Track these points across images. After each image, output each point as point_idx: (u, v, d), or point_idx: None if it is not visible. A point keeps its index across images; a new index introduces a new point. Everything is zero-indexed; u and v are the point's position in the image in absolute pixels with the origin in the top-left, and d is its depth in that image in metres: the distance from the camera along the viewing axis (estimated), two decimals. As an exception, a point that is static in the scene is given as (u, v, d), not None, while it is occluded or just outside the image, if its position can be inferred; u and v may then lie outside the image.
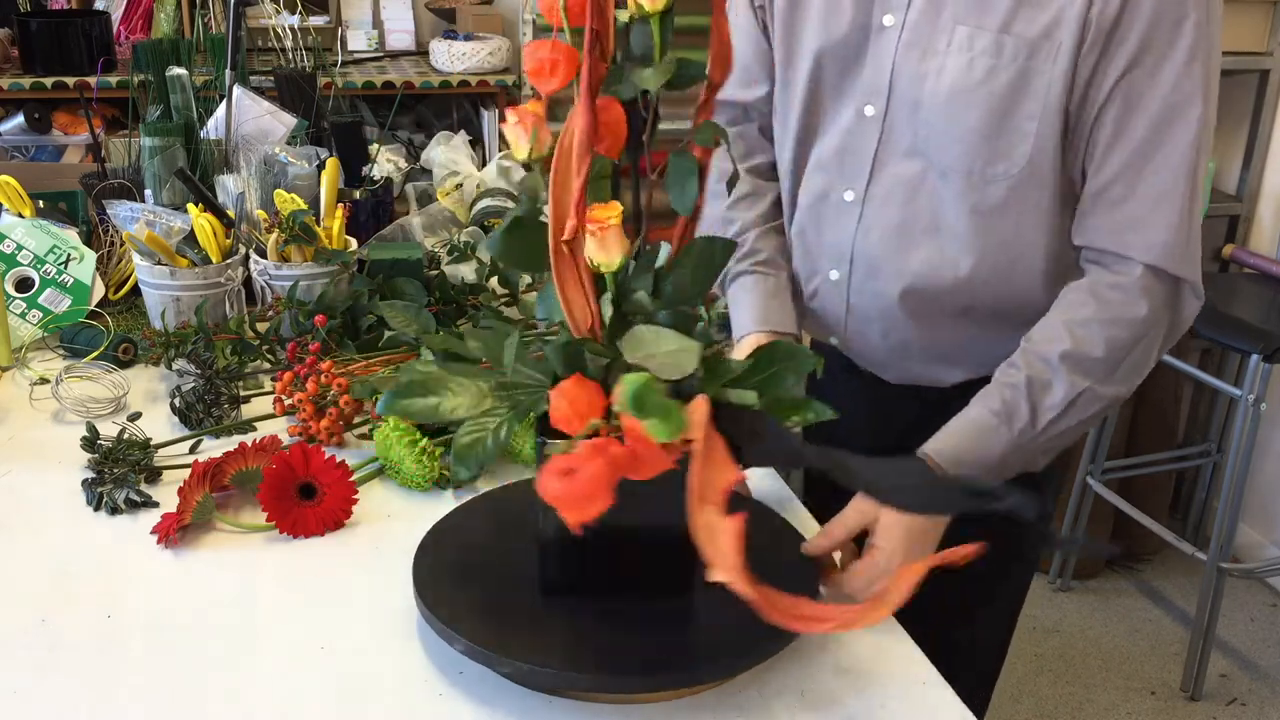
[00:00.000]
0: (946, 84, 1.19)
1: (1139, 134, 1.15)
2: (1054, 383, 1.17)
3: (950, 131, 1.21)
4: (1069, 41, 1.14)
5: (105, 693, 1.00)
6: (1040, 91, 1.16)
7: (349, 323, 1.59)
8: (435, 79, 3.09)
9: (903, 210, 1.27)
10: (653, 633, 1.02)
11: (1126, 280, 1.18)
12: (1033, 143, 1.18)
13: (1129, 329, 1.17)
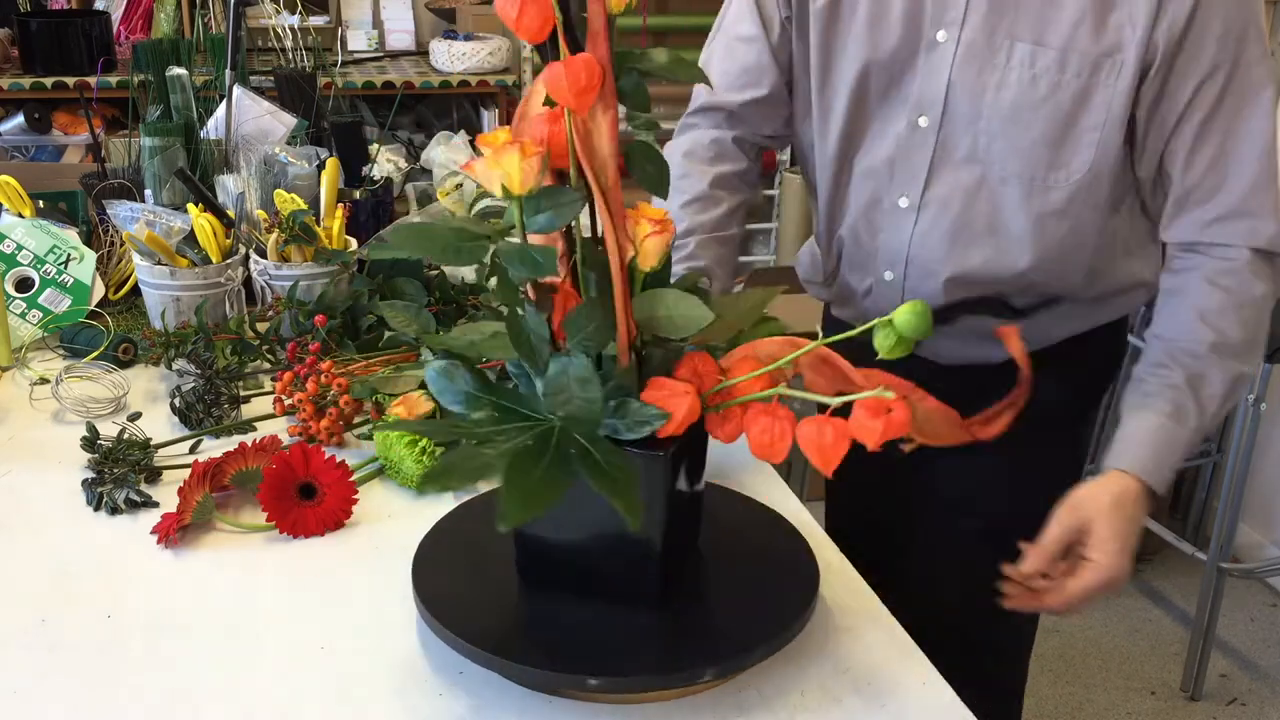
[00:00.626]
0: (1009, 99, 1.23)
1: (1220, 135, 1.21)
2: (1209, 373, 1.23)
3: (1013, 142, 1.26)
4: (1133, 59, 1.19)
5: (105, 693, 1.00)
6: (1103, 105, 1.22)
7: (349, 323, 1.59)
8: (435, 79, 3.09)
9: (961, 215, 1.31)
10: (653, 633, 1.02)
11: (1237, 264, 1.23)
12: (1095, 151, 1.25)
13: (1254, 308, 1.24)
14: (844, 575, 1.19)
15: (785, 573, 1.11)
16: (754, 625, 1.02)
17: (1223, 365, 1.23)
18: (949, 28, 1.25)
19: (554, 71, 0.88)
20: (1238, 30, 1.18)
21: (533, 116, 0.93)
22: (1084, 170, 1.25)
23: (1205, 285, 1.24)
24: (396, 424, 1.18)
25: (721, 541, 1.14)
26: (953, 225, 1.32)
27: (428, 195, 2.18)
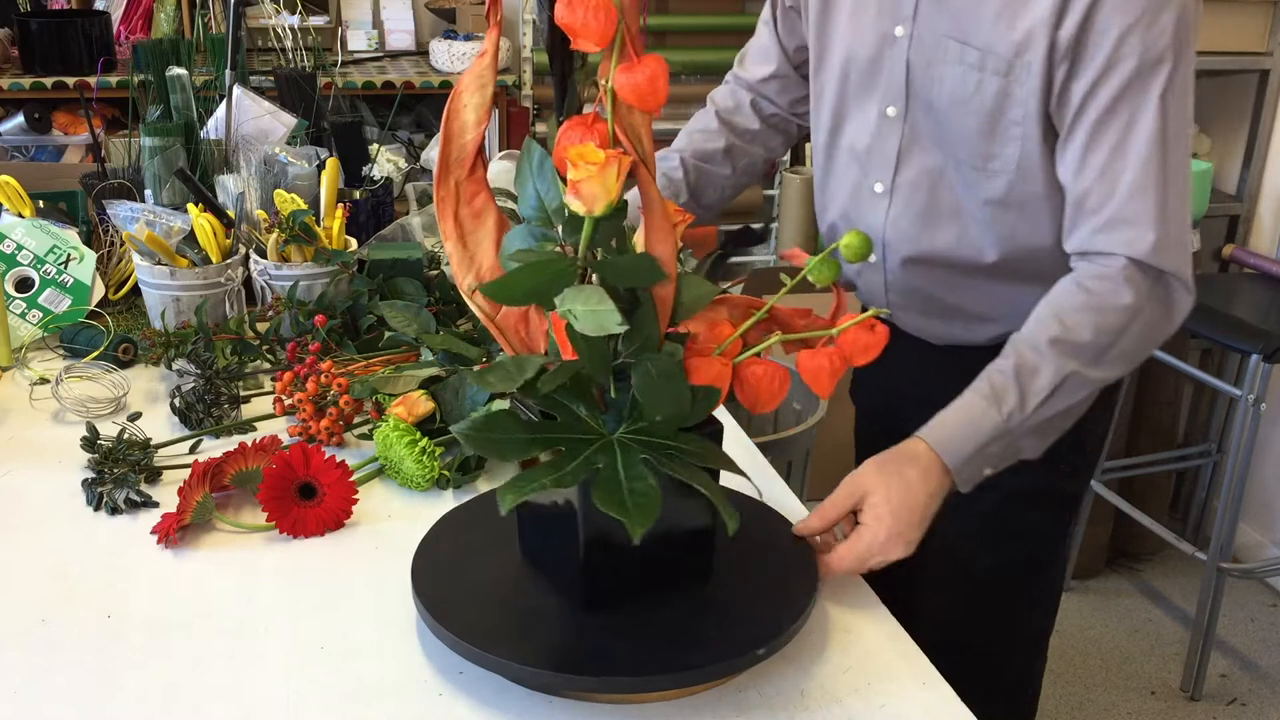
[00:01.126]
0: (946, 92, 1.29)
1: (1112, 141, 1.20)
2: (1041, 367, 1.20)
3: (956, 132, 1.30)
4: (1039, 59, 1.21)
5: (105, 693, 1.00)
6: (1021, 103, 1.24)
7: (349, 323, 1.59)
8: (435, 79, 3.09)
9: (927, 198, 1.36)
10: (652, 633, 1.02)
11: (1109, 271, 1.22)
12: (1020, 146, 1.26)
13: (1115, 315, 1.21)
14: (844, 575, 1.19)
15: (785, 573, 1.11)
16: (754, 625, 1.02)
17: (1057, 362, 1.20)
18: (904, 23, 1.31)
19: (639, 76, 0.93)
20: (1137, 35, 1.16)
21: (572, 127, 0.95)
22: (1013, 163, 1.27)
23: (1071, 285, 1.24)
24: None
25: (722, 542, 1.14)
26: (921, 209, 1.36)
27: (428, 195, 2.18)
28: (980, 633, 1.44)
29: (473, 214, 0.98)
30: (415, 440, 1.30)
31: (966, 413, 1.21)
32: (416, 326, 1.53)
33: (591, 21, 0.90)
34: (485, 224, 0.98)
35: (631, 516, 0.88)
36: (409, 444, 1.30)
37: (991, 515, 1.46)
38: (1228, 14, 2.89)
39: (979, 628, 1.41)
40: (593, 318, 0.93)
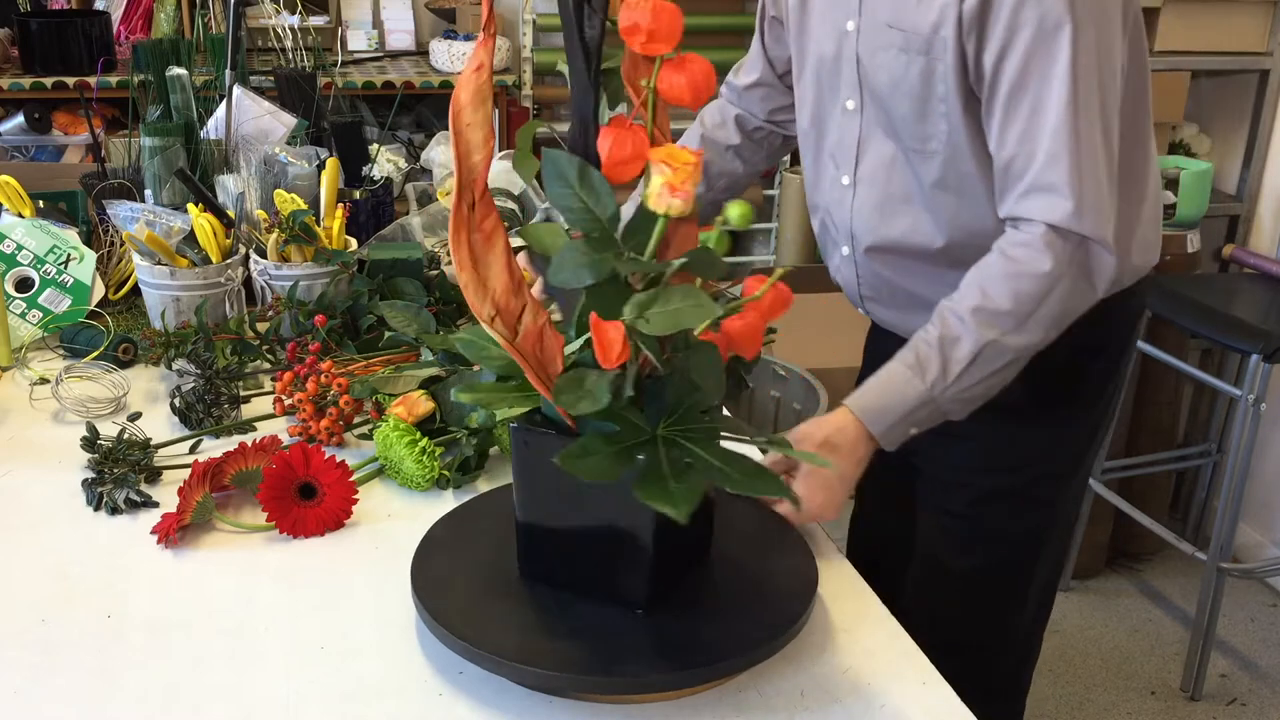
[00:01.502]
0: (885, 78, 1.32)
1: (1027, 109, 1.21)
2: (963, 336, 1.24)
3: (897, 116, 1.33)
4: (951, 35, 1.23)
5: (105, 693, 1.00)
6: (943, 78, 1.27)
7: (349, 323, 1.59)
8: (435, 79, 3.09)
9: (883, 187, 1.39)
10: (653, 633, 1.02)
11: (1030, 238, 1.23)
12: (947, 123, 1.29)
13: (1034, 282, 1.22)
14: (844, 575, 1.19)
15: (785, 573, 1.11)
16: (754, 625, 1.02)
17: (978, 332, 1.23)
18: (853, 17, 1.35)
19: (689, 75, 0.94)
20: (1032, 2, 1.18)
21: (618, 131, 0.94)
22: (944, 142, 1.30)
23: (995, 252, 1.25)
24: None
25: (722, 542, 1.14)
26: (879, 198, 1.39)
27: (428, 195, 2.18)
28: (967, 633, 1.44)
29: (483, 238, 0.95)
30: (415, 440, 1.30)
31: (891, 382, 1.25)
32: (416, 326, 1.53)
33: (664, 23, 0.91)
34: (495, 247, 0.96)
35: (677, 505, 0.91)
36: (409, 444, 1.30)
37: (963, 517, 1.47)
38: (1228, 14, 2.89)
39: (965, 628, 1.41)
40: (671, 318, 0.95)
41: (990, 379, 1.26)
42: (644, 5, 0.91)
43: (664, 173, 0.93)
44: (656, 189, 0.94)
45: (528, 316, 0.98)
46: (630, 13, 0.91)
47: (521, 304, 0.97)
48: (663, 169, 0.93)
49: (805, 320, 1.61)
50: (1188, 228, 2.90)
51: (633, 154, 0.95)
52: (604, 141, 0.95)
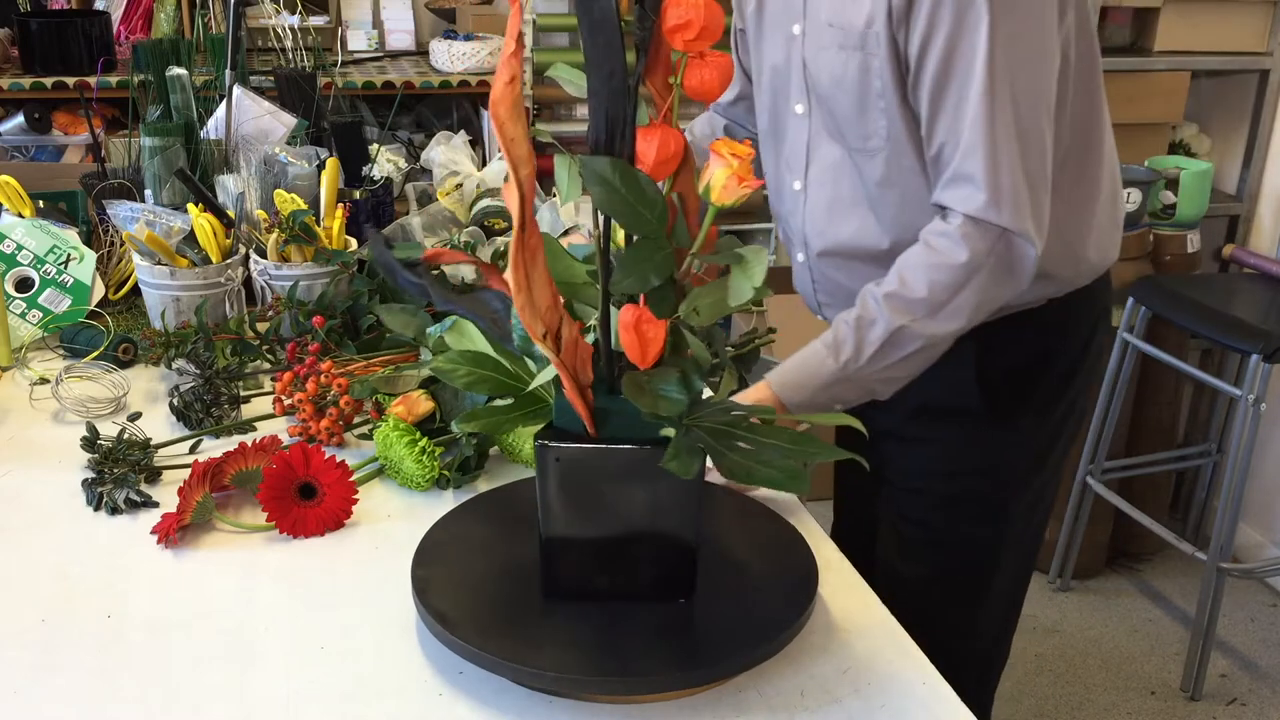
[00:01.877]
0: (826, 77, 1.33)
1: (950, 102, 1.23)
2: (878, 319, 1.27)
3: (840, 116, 1.34)
4: (883, 28, 1.25)
5: (105, 693, 1.00)
6: (879, 73, 1.28)
7: (349, 322, 1.59)
8: (435, 79, 3.09)
9: (832, 190, 1.40)
10: (652, 633, 1.02)
11: (950, 228, 1.25)
12: (886, 119, 1.30)
13: (950, 273, 1.24)
14: (844, 575, 1.19)
15: (785, 573, 1.11)
16: (754, 625, 1.02)
17: (890, 316, 1.26)
18: (798, 20, 1.36)
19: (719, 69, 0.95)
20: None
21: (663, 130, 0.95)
22: (884, 138, 1.31)
23: (919, 241, 1.28)
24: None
25: (721, 542, 1.14)
26: (828, 201, 1.40)
27: (428, 195, 2.18)
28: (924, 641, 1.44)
29: (530, 255, 0.95)
30: (415, 440, 1.30)
31: (809, 359, 1.30)
32: (415, 328, 1.53)
33: (714, 19, 0.92)
34: (539, 263, 0.95)
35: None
36: (409, 444, 1.30)
37: (921, 523, 1.48)
38: (1228, 14, 2.89)
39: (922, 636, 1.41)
40: (716, 306, 0.98)
41: (906, 362, 1.28)
42: (695, 1, 0.91)
43: (730, 165, 0.95)
44: (722, 181, 0.95)
45: (565, 330, 0.98)
46: (680, 10, 0.91)
47: (559, 317, 0.97)
48: (728, 161, 0.95)
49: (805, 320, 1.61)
50: (1188, 228, 2.90)
51: (674, 152, 0.95)
52: (647, 142, 0.94)
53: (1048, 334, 1.44)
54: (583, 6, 0.90)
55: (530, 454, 1.35)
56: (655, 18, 0.92)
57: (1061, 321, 1.43)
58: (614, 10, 0.90)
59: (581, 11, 0.90)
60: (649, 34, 0.93)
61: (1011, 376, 1.43)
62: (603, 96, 0.92)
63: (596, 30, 0.90)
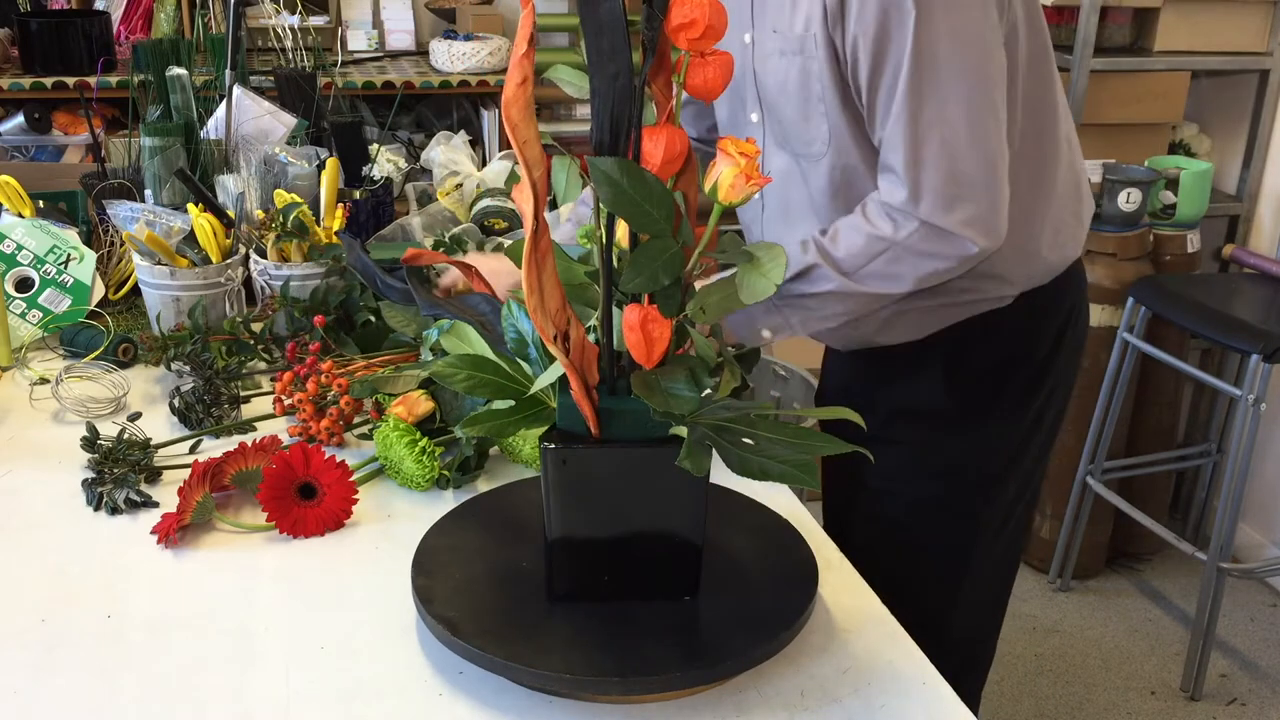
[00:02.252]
0: (771, 84, 1.35)
1: (881, 94, 1.25)
2: (801, 256, 1.30)
3: (785, 122, 1.36)
4: (820, 31, 1.26)
5: (105, 693, 1.00)
6: (819, 76, 1.29)
7: (343, 318, 1.59)
8: (435, 79, 3.09)
9: (783, 198, 1.42)
10: (653, 634, 1.02)
11: (882, 202, 1.28)
12: (827, 123, 1.31)
13: (869, 241, 1.28)
14: (844, 575, 1.19)
15: (785, 573, 1.11)
16: (754, 625, 1.02)
17: (808, 254, 1.29)
18: (748, 29, 1.36)
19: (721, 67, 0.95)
20: None
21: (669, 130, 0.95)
22: (826, 143, 1.32)
23: (861, 202, 1.31)
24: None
25: (721, 542, 1.14)
26: (781, 210, 1.43)
27: (428, 195, 2.18)
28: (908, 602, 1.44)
29: (541, 257, 0.95)
30: (415, 440, 1.30)
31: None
32: (416, 326, 1.53)
33: (719, 18, 0.92)
34: (549, 264, 0.96)
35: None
36: (409, 444, 1.30)
37: (894, 524, 1.49)
38: (1228, 14, 2.89)
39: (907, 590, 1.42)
40: (723, 303, 0.99)
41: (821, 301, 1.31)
42: (699, 1, 0.92)
43: (737, 163, 0.95)
44: (729, 179, 0.96)
45: (573, 331, 0.98)
46: (685, 9, 0.91)
47: (567, 318, 0.98)
48: (735, 160, 0.95)
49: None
50: (1188, 228, 2.90)
51: (679, 151, 0.95)
52: (653, 141, 0.94)
53: (1015, 336, 1.44)
54: (587, 7, 0.90)
55: (530, 454, 1.35)
56: (663, 17, 0.92)
57: (1028, 322, 1.43)
58: (621, 11, 0.90)
59: (586, 12, 0.90)
60: (656, 33, 0.93)
61: (980, 378, 1.44)
62: (607, 97, 0.92)
63: (602, 31, 0.90)
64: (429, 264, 1.52)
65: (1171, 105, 2.96)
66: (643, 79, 0.93)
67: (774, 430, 1.00)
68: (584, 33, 0.91)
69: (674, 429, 0.99)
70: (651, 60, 0.94)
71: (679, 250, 0.96)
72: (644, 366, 0.97)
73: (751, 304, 1.21)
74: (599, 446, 1.01)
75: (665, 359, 0.98)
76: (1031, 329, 1.44)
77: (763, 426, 1.01)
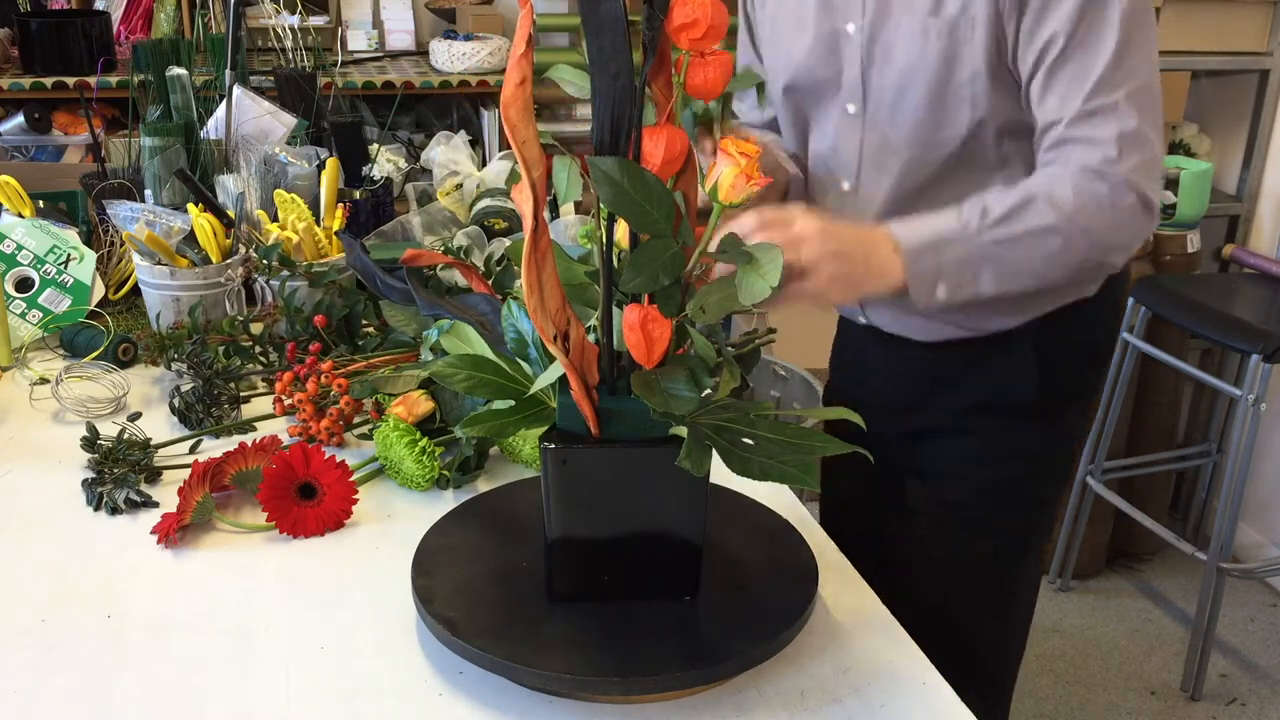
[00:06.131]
0: (896, 70, 1.30)
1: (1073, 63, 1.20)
2: (1015, 191, 1.21)
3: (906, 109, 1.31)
4: (983, 9, 1.22)
5: (105, 693, 1.00)
6: (967, 62, 1.25)
7: (343, 328, 1.59)
8: (435, 79, 3.09)
9: (890, 188, 1.36)
10: (652, 634, 1.02)
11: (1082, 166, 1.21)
12: (970, 107, 1.27)
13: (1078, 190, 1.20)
14: (844, 575, 1.19)
15: (785, 573, 1.11)
16: (754, 625, 1.02)
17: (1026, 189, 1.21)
18: (854, 18, 1.32)
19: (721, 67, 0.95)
20: None
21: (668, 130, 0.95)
22: (964, 127, 1.29)
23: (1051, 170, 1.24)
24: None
25: (721, 542, 1.14)
26: (884, 200, 1.37)
27: (428, 195, 2.18)
28: (957, 629, 1.44)
29: (540, 256, 0.95)
30: (415, 440, 1.30)
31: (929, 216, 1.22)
32: (416, 326, 1.53)
33: (720, 18, 0.92)
34: (548, 264, 0.96)
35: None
36: (409, 444, 1.30)
37: (961, 506, 1.48)
38: (1228, 14, 2.89)
39: (956, 624, 1.41)
40: (723, 303, 0.98)
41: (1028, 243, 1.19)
42: (701, 1, 0.92)
43: (738, 163, 0.95)
44: (730, 180, 0.96)
45: (573, 331, 0.98)
46: (686, 9, 0.91)
47: (567, 318, 0.98)
48: (736, 160, 0.95)
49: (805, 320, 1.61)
50: (1188, 228, 2.90)
51: (679, 151, 0.95)
52: (653, 141, 0.94)
53: (1098, 322, 1.44)
54: (588, 7, 0.90)
55: (530, 454, 1.35)
56: (664, 17, 0.92)
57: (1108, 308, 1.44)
58: (621, 11, 0.90)
59: (586, 12, 0.90)
60: (657, 33, 0.93)
61: (1069, 364, 1.43)
62: (607, 97, 0.92)
63: (602, 31, 0.90)
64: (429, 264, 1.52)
65: (1171, 105, 2.96)
66: (643, 79, 0.93)
67: (774, 430, 1.00)
68: (585, 32, 0.91)
69: (674, 429, 0.99)
70: (652, 60, 0.94)
71: (679, 250, 0.96)
72: (644, 366, 0.98)
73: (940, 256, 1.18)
74: (599, 446, 1.01)
75: (665, 359, 0.98)
76: (1112, 310, 1.45)
77: (763, 426, 1.01)
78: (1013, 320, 1.40)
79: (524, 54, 0.89)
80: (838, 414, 1.10)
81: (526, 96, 0.91)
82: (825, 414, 1.19)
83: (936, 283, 1.19)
